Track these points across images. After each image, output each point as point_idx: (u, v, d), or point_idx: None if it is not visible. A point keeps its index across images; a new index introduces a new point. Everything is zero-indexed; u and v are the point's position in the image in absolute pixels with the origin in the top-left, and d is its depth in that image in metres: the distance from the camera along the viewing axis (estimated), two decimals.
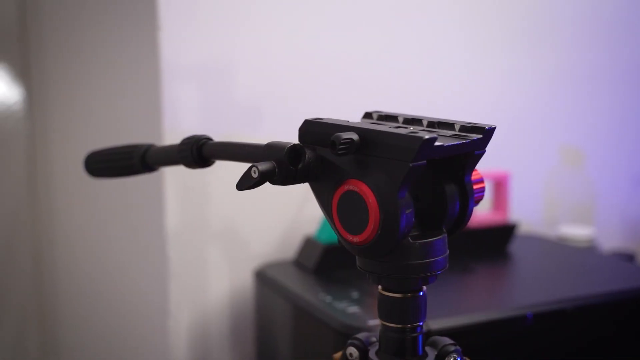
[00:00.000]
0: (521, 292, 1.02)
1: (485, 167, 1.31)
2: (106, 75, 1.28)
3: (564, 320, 0.90)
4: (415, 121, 0.60)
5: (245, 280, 1.16)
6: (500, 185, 1.25)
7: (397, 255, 0.55)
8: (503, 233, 1.22)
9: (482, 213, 1.25)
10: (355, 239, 0.55)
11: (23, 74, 1.49)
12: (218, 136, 0.67)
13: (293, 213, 1.18)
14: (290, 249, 1.17)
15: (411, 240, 0.54)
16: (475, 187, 0.60)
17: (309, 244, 1.09)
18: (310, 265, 1.05)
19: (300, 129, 0.58)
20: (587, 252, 1.29)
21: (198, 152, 0.66)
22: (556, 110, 1.52)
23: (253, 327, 1.15)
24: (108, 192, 1.30)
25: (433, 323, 0.81)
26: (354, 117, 0.61)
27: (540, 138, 1.50)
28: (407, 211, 0.53)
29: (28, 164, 1.52)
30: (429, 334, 0.80)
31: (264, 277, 1.07)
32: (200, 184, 1.12)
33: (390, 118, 0.62)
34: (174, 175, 1.09)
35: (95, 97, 1.32)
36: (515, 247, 1.22)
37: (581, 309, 0.91)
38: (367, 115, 0.64)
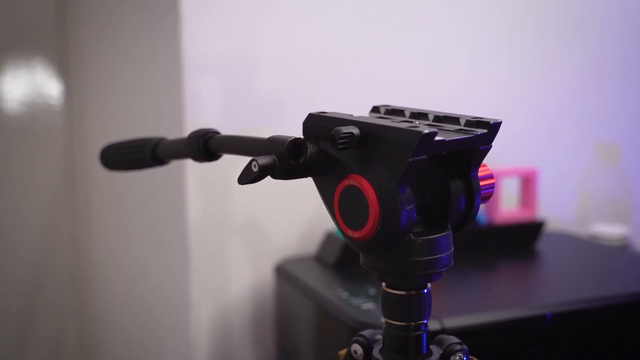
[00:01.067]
0: (544, 291, 1.00)
1: (513, 163, 1.30)
2: (133, 70, 1.29)
3: (586, 321, 0.88)
4: (421, 115, 0.59)
5: (266, 274, 1.15)
6: (529, 181, 1.23)
7: (399, 252, 0.54)
8: (530, 230, 1.19)
9: (510, 210, 1.22)
10: (356, 234, 0.54)
11: (61, 69, 1.52)
12: (240, 130, 0.66)
13: (315, 208, 1.17)
14: (311, 244, 1.16)
15: (413, 237, 0.53)
16: (482, 183, 0.58)
17: (329, 239, 1.08)
18: (331, 261, 1.05)
19: (304, 123, 0.58)
20: (619, 251, 1.25)
21: (205, 146, 0.66)
22: (591, 105, 1.48)
23: (273, 322, 1.15)
24: (137, 184, 1.31)
25: (448, 321, 0.80)
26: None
27: (574, 134, 1.47)
28: (408, 207, 0.52)
29: (66, 157, 1.54)
30: (443, 332, 0.79)
31: (283, 272, 1.06)
32: (222, 178, 1.12)
33: (397, 112, 0.61)
34: (196, 169, 1.10)
35: (124, 91, 1.33)
36: (543, 245, 1.19)
37: (605, 310, 0.88)
38: (375, 109, 0.63)
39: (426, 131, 0.49)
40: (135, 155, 0.73)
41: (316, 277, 1.00)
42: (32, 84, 1.52)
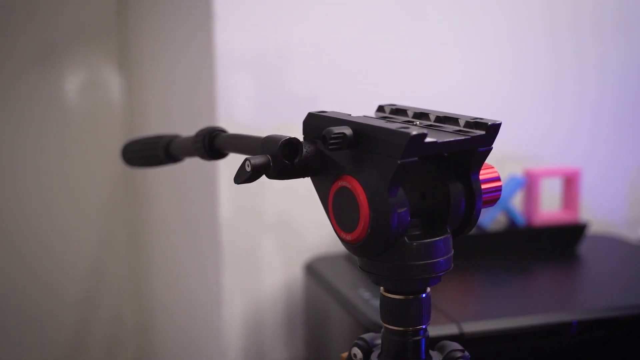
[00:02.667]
0: (576, 297, 0.96)
1: (557, 163, 1.26)
2: (175, 66, 1.31)
3: (616, 331, 0.84)
4: (423, 115, 0.57)
5: (297, 272, 1.15)
6: (571, 182, 1.18)
7: (394, 256, 0.52)
8: (572, 233, 1.15)
9: (550, 211, 1.19)
10: (348, 237, 0.53)
11: (122, 64, 1.55)
12: (272, 127, 0.66)
13: None
14: None
15: (407, 240, 0.52)
16: (487, 186, 0.56)
17: None
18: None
19: (303, 123, 0.57)
20: None
21: (210, 144, 0.66)
22: None
23: (303, 319, 1.15)
24: (176, 180, 1.33)
25: (466, 326, 0.78)
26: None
27: (627, 134, 1.41)
28: (400, 210, 0.50)
29: None
30: (462, 337, 0.77)
31: (312, 270, 1.06)
32: None
33: (401, 112, 0.60)
34: (229, 165, 1.10)
35: (171, 87, 1.35)
36: (586, 249, 1.15)
37: (636, 319, 0.84)
38: (380, 109, 0.62)
39: (415, 132, 0.47)
40: (149, 152, 0.74)
41: (342, 277, 1.00)
42: (93, 79, 1.56)
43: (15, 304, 1.56)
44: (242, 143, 0.62)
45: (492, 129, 0.52)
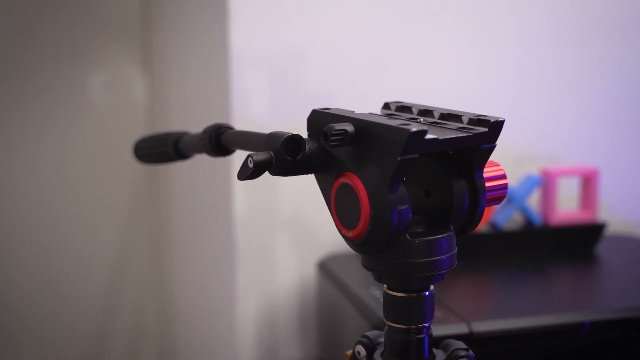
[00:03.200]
0: (590, 298, 0.95)
1: (575, 162, 1.24)
2: (192, 64, 1.32)
3: (630, 332, 0.83)
4: (427, 112, 0.57)
5: (311, 269, 1.15)
6: (589, 181, 1.17)
7: (395, 253, 0.52)
8: (590, 233, 1.14)
9: (568, 211, 1.17)
10: (350, 233, 0.53)
11: (145, 64, 1.56)
12: (286, 125, 0.66)
13: None
14: None
15: (409, 238, 0.51)
16: (492, 183, 0.56)
17: None
18: None
19: (308, 119, 0.57)
20: None
21: (217, 141, 0.66)
22: None
23: (316, 317, 1.15)
24: (193, 177, 1.34)
25: (476, 325, 0.77)
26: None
27: None
28: (401, 207, 0.50)
29: None
30: (471, 336, 0.77)
31: (325, 268, 1.06)
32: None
33: (406, 109, 0.59)
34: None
35: (189, 85, 1.36)
36: (605, 249, 1.13)
37: None
38: (386, 106, 0.62)
39: (414, 129, 0.47)
40: (159, 149, 0.75)
41: (355, 275, 0.99)
42: (116, 78, 1.57)
43: (39, 299, 1.58)
44: (247, 140, 0.62)
45: (495, 126, 0.51)
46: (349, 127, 0.51)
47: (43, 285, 1.58)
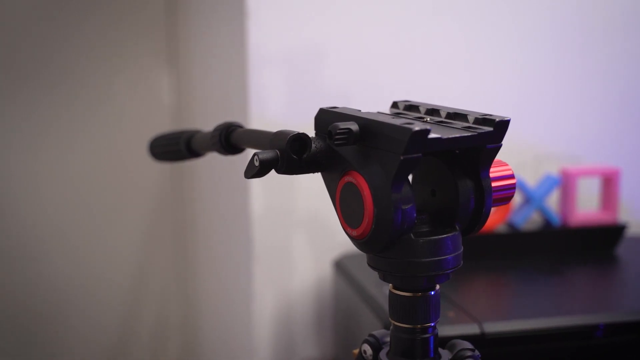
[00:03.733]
0: (607, 300, 0.93)
1: (595, 162, 1.23)
2: (214, 64, 1.33)
3: None
4: (434, 112, 0.57)
5: (327, 268, 1.15)
6: (610, 182, 1.15)
7: (399, 252, 0.52)
8: (610, 234, 1.12)
9: (588, 211, 1.16)
10: (354, 232, 0.53)
11: (170, 63, 1.57)
12: (304, 124, 0.66)
13: None
14: None
15: (414, 237, 0.51)
16: (499, 183, 0.55)
17: None
18: None
19: (315, 118, 0.57)
20: None
21: (226, 139, 0.66)
22: None
23: (332, 315, 1.15)
24: (214, 177, 1.35)
25: (488, 326, 0.77)
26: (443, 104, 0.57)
27: None
28: (405, 206, 0.50)
29: None
30: (482, 337, 0.76)
31: (341, 267, 1.06)
32: None
33: (413, 108, 0.59)
34: None
35: (210, 84, 1.37)
36: (626, 251, 1.12)
37: None
38: (394, 105, 0.62)
39: (417, 128, 0.47)
40: (172, 147, 0.75)
41: (369, 274, 0.98)
42: (142, 77, 1.59)
43: (62, 299, 1.60)
44: (254, 138, 0.62)
45: (500, 126, 0.51)
46: (354, 126, 0.51)
47: (69, 283, 1.60)
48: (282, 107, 1.13)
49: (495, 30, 1.21)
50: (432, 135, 0.48)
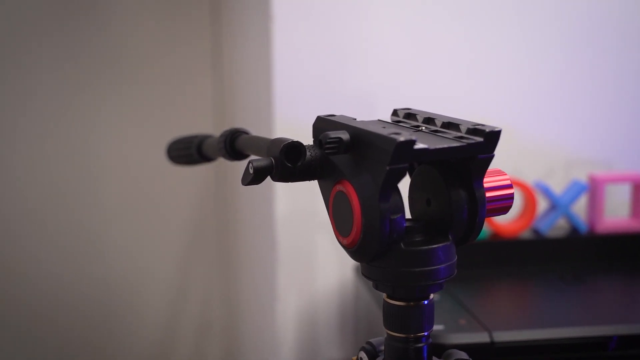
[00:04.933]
0: (626, 311, 0.91)
1: (626, 169, 1.20)
2: (249, 67, 1.34)
3: None
4: (431, 120, 0.56)
5: (350, 272, 1.16)
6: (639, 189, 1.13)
7: (390, 262, 0.52)
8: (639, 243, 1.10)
9: (617, 219, 1.14)
10: (345, 241, 0.53)
11: (214, 67, 1.59)
12: None
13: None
14: None
15: (404, 247, 0.51)
16: (496, 193, 0.55)
17: None
18: None
19: (313, 126, 0.58)
20: None
21: (231, 145, 0.67)
22: None
23: (354, 319, 1.15)
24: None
25: (497, 335, 0.76)
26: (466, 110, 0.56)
27: None
28: (394, 216, 0.50)
29: None
30: (492, 346, 0.75)
31: (359, 271, 1.06)
32: None
33: (412, 116, 0.59)
34: None
35: (246, 88, 1.38)
36: None
37: None
38: (395, 113, 0.62)
39: (402, 139, 0.47)
40: (186, 151, 0.77)
41: None
42: (187, 80, 1.61)
43: (107, 298, 1.63)
44: (255, 145, 0.63)
45: (491, 136, 0.51)
46: (344, 135, 0.51)
47: (109, 284, 1.63)
48: (306, 110, 1.14)
49: (517, 32, 1.19)
50: (418, 146, 0.48)
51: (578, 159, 1.20)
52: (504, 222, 1.08)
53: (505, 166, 0.58)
